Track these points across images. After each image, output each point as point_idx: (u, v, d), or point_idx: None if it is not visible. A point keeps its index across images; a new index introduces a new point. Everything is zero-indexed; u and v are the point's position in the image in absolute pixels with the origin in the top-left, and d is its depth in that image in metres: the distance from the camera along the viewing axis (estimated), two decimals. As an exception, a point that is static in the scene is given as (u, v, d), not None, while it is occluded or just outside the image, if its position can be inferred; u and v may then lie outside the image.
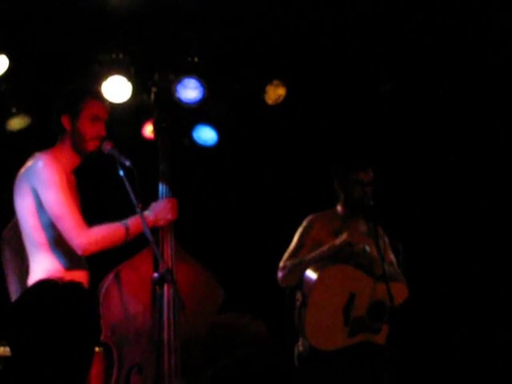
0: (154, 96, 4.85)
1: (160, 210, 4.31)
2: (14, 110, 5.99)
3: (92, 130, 4.22)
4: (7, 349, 4.64)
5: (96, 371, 4.11)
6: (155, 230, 4.33)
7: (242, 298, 6.15)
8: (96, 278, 4.31)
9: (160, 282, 3.96)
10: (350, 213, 5.37)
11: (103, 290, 4.19)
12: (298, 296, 5.16)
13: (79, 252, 4.05)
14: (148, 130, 5.81)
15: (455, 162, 6.81)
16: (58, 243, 4.08)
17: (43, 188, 4.03)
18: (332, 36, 6.11)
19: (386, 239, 5.45)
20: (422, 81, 6.50)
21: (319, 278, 5.05)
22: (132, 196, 4.03)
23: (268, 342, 3.35)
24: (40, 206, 4.05)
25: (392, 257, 5.38)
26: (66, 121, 4.20)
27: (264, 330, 3.27)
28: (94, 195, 4.51)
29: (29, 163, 4.15)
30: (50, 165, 4.07)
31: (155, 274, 4.00)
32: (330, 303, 5.05)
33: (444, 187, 6.85)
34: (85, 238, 4.03)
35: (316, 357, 5.06)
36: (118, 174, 4.09)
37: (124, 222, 4.13)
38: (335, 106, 6.64)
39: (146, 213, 4.25)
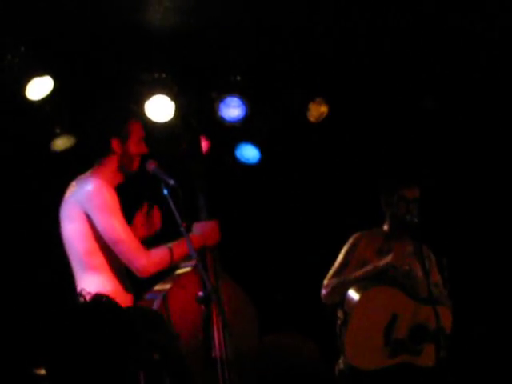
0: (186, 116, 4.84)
1: (209, 231, 4.33)
2: (57, 131, 6.03)
3: (138, 150, 4.24)
4: None
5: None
6: (201, 250, 4.33)
7: (286, 315, 6.14)
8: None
9: (205, 301, 3.96)
10: (395, 231, 5.34)
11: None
12: (340, 314, 5.16)
13: (139, 274, 4.08)
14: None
15: (502, 177, 6.73)
16: (108, 267, 4.10)
17: (98, 213, 4.02)
18: (374, 52, 6.08)
19: (433, 258, 5.40)
20: (468, 95, 6.46)
21: (362, 298, 5.04)
22: (176, 215, 4.02)
23: (320, 364, 3.32)
24: (94, 230, 4.04)
25: (438, 277, 5.32)
26: (116, 144, 4.18)
27: (316, 351, 3.24)
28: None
29: (75, 187, 4.14)
30: (102, 188, 4.07)
31: (200, 293, 3.99)
32: (371, 323, 5.05)
33: (492, 202, 6.77)
34: (146, 260, 4.05)
35: (356, 376, 5.03)
36: (162, 193, 4.10)
37: (169, 245, 4.14)
38: (379, 122, 6.60)
39: (194, 232, 4.26)
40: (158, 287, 4.37)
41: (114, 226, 4.02)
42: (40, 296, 5.81)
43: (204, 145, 4.80)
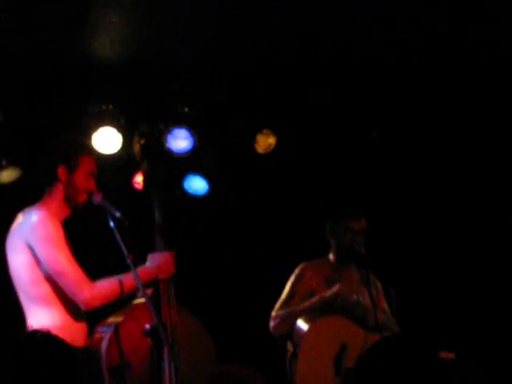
0: (141, 147, 4.82)
1: (163, 264, 4.30)
2: (3, 163, 5.99)
3: (85, 185, 4.21)
4: None
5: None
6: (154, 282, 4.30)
7: (238, 346, 6.12)
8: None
9: (151, 334, 3.94)
10: (341, 261, 5.37)
11: (105, 343, 4.12)
12: (289, 346, 5.15)
13: (83, 307, 4.03)
14: (138, 181, 5.80)
15: (445, 209, 6.83)
16: (57, 297, 4.05)
17: (41, 244, 4.00)
18: (321, 84, 6.14)
19: (379, 286, 5.44)
20: (413, 127, 6.54)
21: (310, 329, 5.04)
22: (123, 247, 4.00)
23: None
24: (37, 261, 4.01)
25: (385, 304, 5.37)
26: (61, 171, 4.17)
27: (263, 382, 3.23)
28: (84, 247, 4.46)
29: (20, 219, 4.13)
30: (46, 219, 4.04)
31: (147, 326, 3.97)
32: (321, 354, 5.02)
33: (436, 233, 6.86)
34: (89, 293, 4.00)
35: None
36: (109, 226, 4.07)
37: (120, 277, 4.11)
38: (326, 153, 6.66)
39: (148, 264, 4.24)
40: (111, 319, 4.33)
41: (57, 258, 3.99)
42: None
43: (140, 179, 4.79)
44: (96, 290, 4.03)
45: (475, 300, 6.75)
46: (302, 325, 5.08)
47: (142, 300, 4.27)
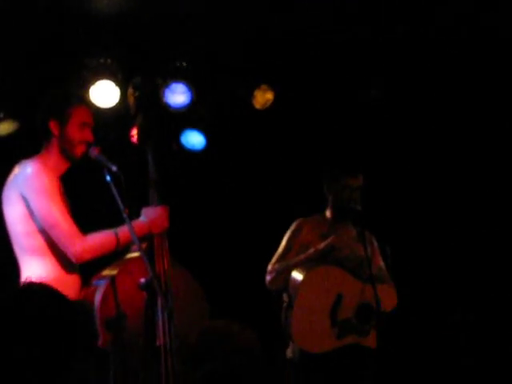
0: (135, 100, 4.77)
1: (156, 218, 4.28)
2: (1, 116, 5.98)
3: (80, 136, 4.20)
4: None
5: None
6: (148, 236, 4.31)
7: (231, 302, 6.16)
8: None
9: (147, 288, 3.96)
10: (338, 217, 5.38)
11: (100, 296, 4.14)
12: (285, 298, 5.16)
13: (74, 260, 4.05)
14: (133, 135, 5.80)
15: (444, 166, 6.83)
16: (50, 249, 4.07)
17: (34, 196, 4.01)
18: (320, 40, 6.11)
19: (375, 243, 5.45)
20: (411, 85, 6.53)
21: (305, 278, 5.04)
22: (119, 202, 4.01)
23: (257, 350, 3.33)
24: (31, 213, 4.03)
25: (381, 261, 5.39)
26: (53, 125, 4.17)
27: (254, 338, 3.26)
28: (82, 201, 4.47)
29: (16, 170, 4.13)
30: (40, 172, 4.04)
31: (142, 280, 3.99)
32: (317, 304, 5.02)
33: (434, 191, 6.87)
34: (80, 246, 4.01)
35: (306, 362, 5.04)
36: (105, 180, 4.08)
37: (115, 229, 4.12)
38: (325, 109, 6.64)
39: (141, 219, 4.24)
40: (105, 272, 4.34)
41: (49, 210, 4.01)
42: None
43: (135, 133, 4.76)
44: (87, 243, 4.04)
45: (471, 257, 6.79)
46: (297, 275, 5.08)
47: (135, 254, 4.28)
